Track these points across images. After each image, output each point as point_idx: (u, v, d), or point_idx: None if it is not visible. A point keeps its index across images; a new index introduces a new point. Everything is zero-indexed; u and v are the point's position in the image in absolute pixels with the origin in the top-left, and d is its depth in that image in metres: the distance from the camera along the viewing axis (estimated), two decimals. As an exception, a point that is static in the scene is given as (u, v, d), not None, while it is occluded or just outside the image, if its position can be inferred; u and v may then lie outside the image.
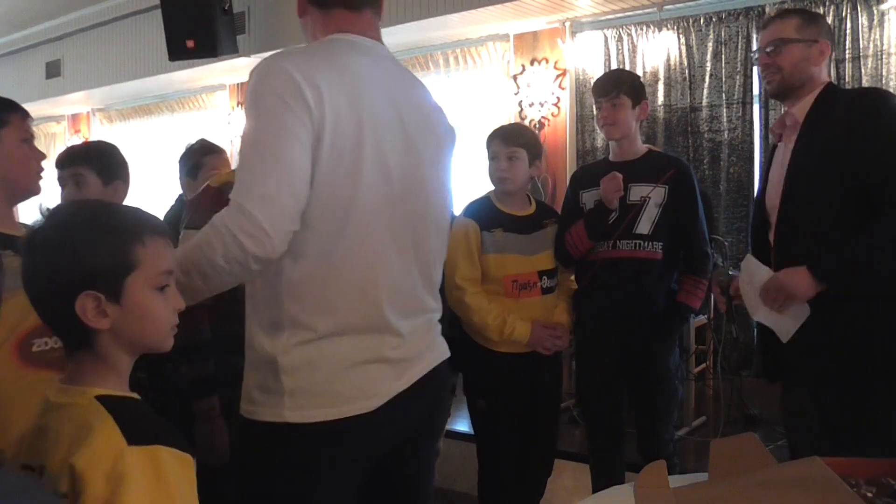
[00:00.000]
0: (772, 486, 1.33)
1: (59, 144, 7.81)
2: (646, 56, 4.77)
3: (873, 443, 1.78)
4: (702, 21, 4.59)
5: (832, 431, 1.92)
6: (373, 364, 1.40)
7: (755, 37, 4.45)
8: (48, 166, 1.77)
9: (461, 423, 3.40)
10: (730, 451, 1.43)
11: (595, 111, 2.65)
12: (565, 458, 3.36)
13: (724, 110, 4.57)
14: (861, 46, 4.14)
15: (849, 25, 4.18)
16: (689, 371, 4.09)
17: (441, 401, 1.60)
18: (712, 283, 2.14)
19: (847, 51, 4.20)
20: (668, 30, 4.70)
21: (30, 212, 2.57)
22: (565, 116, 5.06)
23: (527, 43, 5.15)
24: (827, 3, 4.23)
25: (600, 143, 4.91)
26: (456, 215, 2.40)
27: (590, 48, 4.95)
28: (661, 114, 4.73)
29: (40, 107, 7.37)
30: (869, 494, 1.27)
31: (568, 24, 4.97)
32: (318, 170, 1.30)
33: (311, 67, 1.30)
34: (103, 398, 1.02)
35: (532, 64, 5.13)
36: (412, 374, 1.46)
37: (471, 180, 3.73)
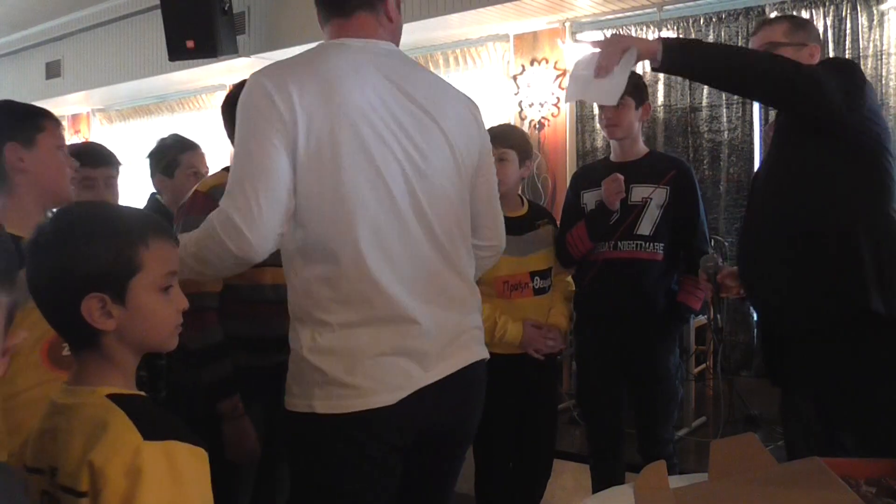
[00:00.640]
0: (772, 486, 1.34)
1: (59, 144, 7.80)
2: (646, 56, 4.77)
3: (872, 444, 1.78)
4: (702, 21, 4.59)
5: (831, 433, 1.93)
6: (394, 356, 1.43)
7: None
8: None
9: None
10: (730, 451, 1.43)
11: (597, 111, 2.65)
12: (565, 458, 3.36)
13: (724, 110, 4.57)
14: (861, 46, 4.14)
15: (849, 25, 4.18)
16: (689, 371, 4.09)
17: (472, 401, 1.61)
18: (699, 269, 2.13)
19: (847, 51, 4.20)
20: (668, 30, 4.70)
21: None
22: (565, 116, 5.05)
23: (527, 43, 5.15)
24: (827, 3, 4.22)
25: (600, 143, 4.91)
26: None
27: (590, 48, 4.94)
28: (661, 114, 4.73)
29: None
30: (869, 494, 1.28)
31: (568, 24, 4.97)
32: (300, 170, 1.37)
33: (282, 75, 1.40)
34: (114, 396, 1.03)
35: (532, 64, 5.12)
36: (442, 369, 1.49)
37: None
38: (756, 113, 4.52)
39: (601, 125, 2.58)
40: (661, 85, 4.74)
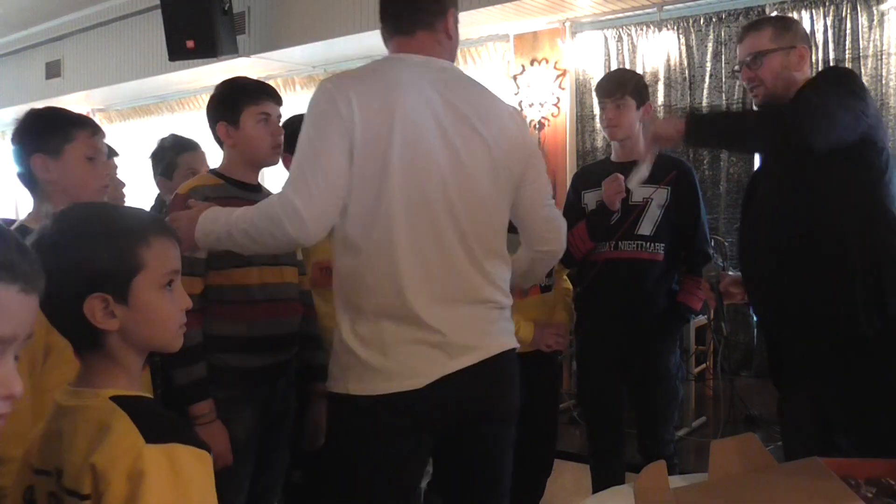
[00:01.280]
0: (772, 486, 1.34)
1: (59, 144, 7.80)
2: (646, 56, 4.77)
3: (869, 446, 1.78)
4: (702, 21, 4.59)
5: (828, 435, 1.93)
6: (419, 345, 1.55)
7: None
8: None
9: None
10: (730, 452, 1.43)
11: (598, 111, 2.65)
12: (565, 458, 3.36)
13: (724, 110, 4.57)
14: (861, 46, 4.14)
15: (849, 25, 4.18)
16: (689, 371, 4.09)
17: (502, 387, 1.69)
18: (702, 279, 2.13)
19: (847, 51, 4.20)
20: (668, 30, 4.70)
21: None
22: (565, 117, 5.06)
23: (527, 43, 5.15)
24: (827, 3, 4.23)
25: (600, 143, 4.91)
26: None
27: (590, 48, 4.95)
28: (661, 114, 4.72)
29: (40, 107, 7.37)
30: (869, 495, 1.28)
31: (568, 24, 4.97)
32: (354, 169, 1.51)
33: (345, 83, 1.54)
34: (117, 398, 1.02)
35: (532, 64, 5.13)
36: (468, 358, 1.58)
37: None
38: (756, 113, 4.53)
39: (602, 126, 2.58)
40: (660, 85, 4.74)
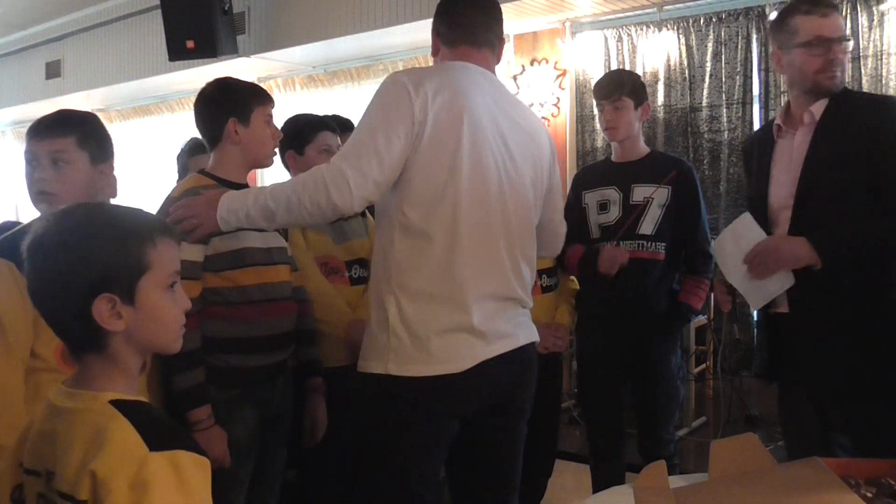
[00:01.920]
0: (772, 486, 1.34)
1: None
2: (646, 56, 4.77)
3: (872, 443, 1.78)
4: (702, 21, 4.59)
5: (829, 431, 1.93)
6: (460, 332, 1.63)
7: (755, 37, 4.45)
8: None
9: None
10: (730, 452, 1.43)
11: (597, 113, 2.65)
12: (565, 458, 3.36)
13: (724, 110, 4.57)
14: (861, 46, 4.14)
15: (849, 25, 4.17)
16: (689, 371, 4.09)
17: (526, 378, 1.81)
18: (715, 282, 2.08)
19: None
20: (668, 30, 4.70)
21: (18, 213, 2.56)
22: (565, 117, 5.06)
23: (527, 43, 5.15)
24: (827, 4, 4.22)
25: (600, 143, 4.91)
26: None
27: (590, 48, 4.95)
28: (661, 114, 4.73)
29: (40, 107, 7.37)
30: (869, 495, 1.28)
31: (568, 24, 4.97)
32: (421, 157, 1.61)
33: (421, 76, 1.65)
34: (117, 403, 1.01)
35: (532, 64, 5.13)
36: (502, 345, 1.68)
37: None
38: (756, 113, 4.53)
39: (601, 127, 2.58)
40: (661, 85, 4.74)
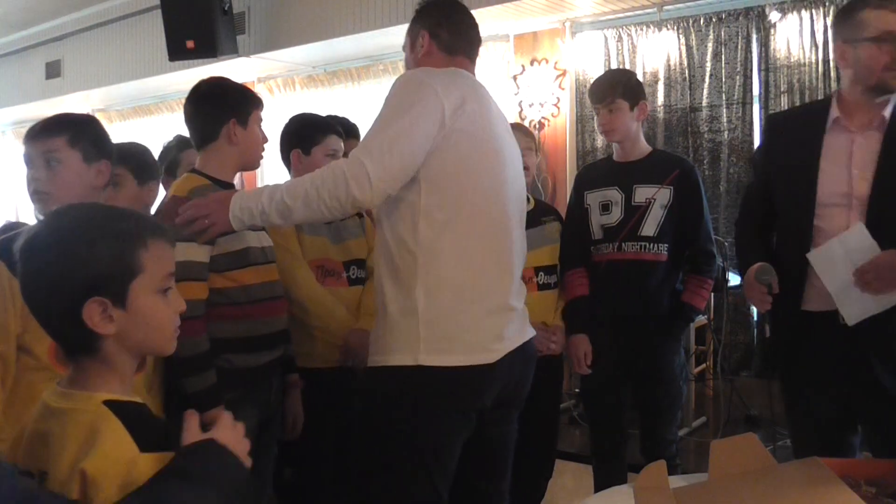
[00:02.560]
0: (772, 486, 1.34)
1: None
2: (646, 56, 4.77)
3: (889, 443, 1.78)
4: (702, 21, 4.59)
5: (847, 433, 1.93)
6: (492, 324, 1.69)
7: (755, 37, 4.45)
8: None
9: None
10: (730, 452, 1.43)
11: (594, 115, 2.65)
12: (566, 458, 3.36)
13: (724, 110, 4.57)
14: (861, 46, 4.14)
15: (849, 25, 4.18)
16: (689, 372, 4.09)
17: (531, 372, 1.87)
18: (754, 281, 1.95)
19: (847, 51, 4.20)
20: (668, 30, 4.70)
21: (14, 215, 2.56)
22: (565, 116, 5.06)
23: (527, 43, 5.15)
24: (827, 4, 4.23)
25: (600, 143, 4.91)
26: None
27: (590, 48, 4.95)
28: (661, 114, 4.73)
29: (40, 107, 7.37)
30: (869, 494, 1.28)
31: (568, 24, 4.97)
32: (448, 154, 1.65)
33: (446, 81, 1.69)
34: (110, 403, 1.00)
35: (532, 64, 5.12)
36: (518, 338, 1.77)
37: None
38: (756, 113, 4.53)
39: (598, 130, 2.58)
40: (661, 85, 4.74)
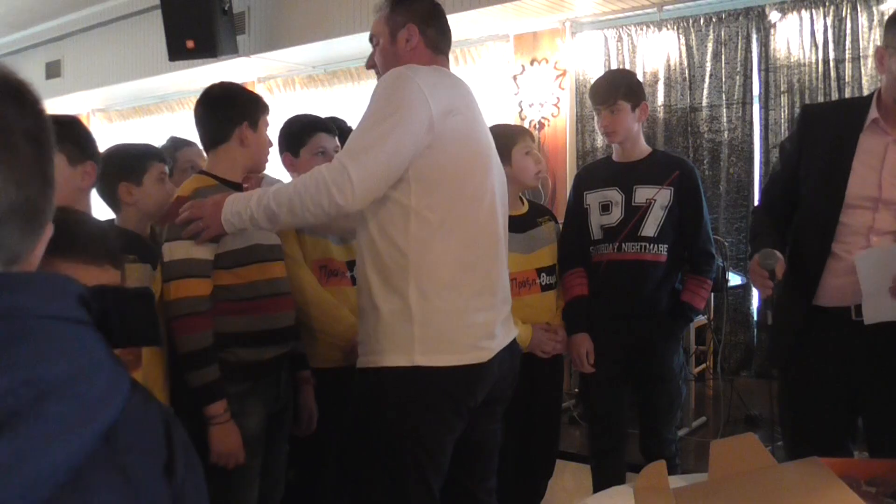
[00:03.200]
0: (772, 486, 1.34)
1: (59, 144, 7.80)
2: (646, 56, 4.77)
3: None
4: (702, 21, 4.59)
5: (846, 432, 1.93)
6: (485, 322, 1.69)
7: (755, 37, 4.46)
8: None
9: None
10: (730, 452, 1.43)
11: (595, 116, 2.64)
12: (565, 458, 3.36)
13: (724, 110, 4.57)
14: (861, 46, 4.14)
15: (849, 25, 4.18)
16: (689, 372, 4.09)
17: (517, 369, 1.86)
18: (758, 266, 1.91)
19: (847, 51, 4.20)
20: (668, 30, 4.70)
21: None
22: (565, 117, 5.06)
23: (527, 43, 5.15)
24: (827, 3, 4.23)
25: (600, 143, 4.91)
26: None
27: (590, 48, 4.95)
28: (661, 114, 4.73)
29: (40, 107, 7.37)
30: (869, 494, 1.28)
31: (568, 24, 4.97)
32: (438, 154, 1.63)
33: (433, 80, 1.65)
34: None
35: (532, 64, 5.13)
36: (505, 337, 1.77)
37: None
38: (756, 113, 4.53)
39: (600, 131, 2.57)
40: (661, 85, 4.74)
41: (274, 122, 2.10)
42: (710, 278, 2.52)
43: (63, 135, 1.68)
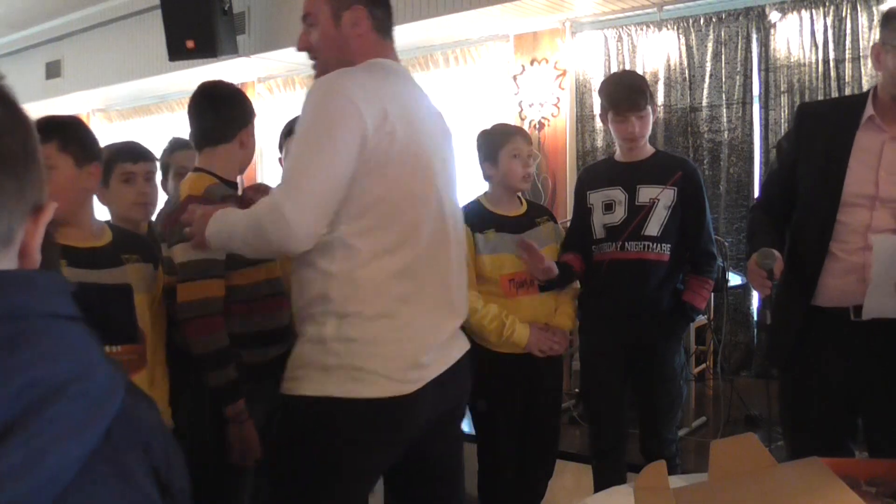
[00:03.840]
0: (772, 486, 1.34)
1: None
2: (646, 56, 4.77)
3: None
4: (702, 21, 4.59)
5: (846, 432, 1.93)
6: (413, 351, 1.55)
7: (755, 37, 4.46)
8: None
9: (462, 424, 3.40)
10: (730, 452, 1.43)
11: (597, 112, 2.63)
12: (565, 458, 3.35)
13: (724, 110, 4.57)
14: (861, 46, 4.14)
15: (849, 25, 4.18)
16: (689, 372, 4.09)
17: (465, 385, 1.76)
18: (756, 265, 1.88)
19: (847, 51, 4.20)
20: (668, 30, 4.70)
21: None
22: (565, 117, 5.06)
23: (527, 43, 5.15)
24: (827, 4, 4.23)
25: (600, 143, 4.91)
26: None
27: (590, 48, 4.95)
28: (661, 114, 4.73)
29: (40, 107, 7.36)
30: (869, 494, 1.28)
31: (568, 24, 4.97)
32: (369, 176, 1.47)
33: (365, 89, 1.48)
34: None
35: (532, 64, 5.13)
36: (443, 363, 1.62)
37: (473, 181, 3.72)
38: (756, 113, 4.53)
39: (620, 137, 2.49)
40: (661, 85, 4.74)
41: (274, 122, 2.11)
42: (711, 278, 2.52)
43: (69, 136, 1.71)
